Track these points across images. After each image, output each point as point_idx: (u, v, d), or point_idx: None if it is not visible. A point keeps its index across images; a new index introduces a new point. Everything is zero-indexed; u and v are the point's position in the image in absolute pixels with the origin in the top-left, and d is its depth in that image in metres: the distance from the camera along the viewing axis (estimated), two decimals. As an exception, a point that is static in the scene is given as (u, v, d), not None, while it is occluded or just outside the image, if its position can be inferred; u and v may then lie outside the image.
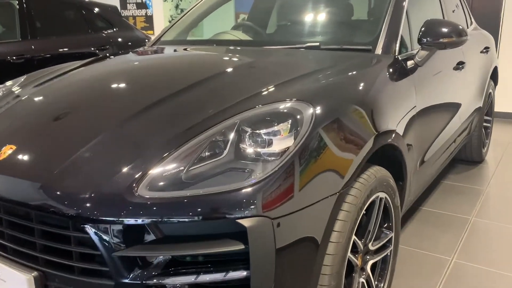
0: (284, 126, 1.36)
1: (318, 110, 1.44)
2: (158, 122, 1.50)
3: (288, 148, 1.33)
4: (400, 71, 2.04)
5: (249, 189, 1.23)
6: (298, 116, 1.40)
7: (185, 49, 2.49)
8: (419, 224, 2.80)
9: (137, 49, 2.68)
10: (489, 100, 3.85)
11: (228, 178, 1.28)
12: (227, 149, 1.34)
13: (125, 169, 1.30)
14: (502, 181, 3.52)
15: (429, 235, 2.65)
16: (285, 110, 1.43)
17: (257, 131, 1.36)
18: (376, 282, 1.85)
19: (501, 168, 3.83)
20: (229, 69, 1.97)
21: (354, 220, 1.50)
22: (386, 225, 1.86)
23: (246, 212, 1.21)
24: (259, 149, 1.33)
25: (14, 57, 4.37)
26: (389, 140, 1.71)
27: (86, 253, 1.27)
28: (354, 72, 1.85)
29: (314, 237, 1.35)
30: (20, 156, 1.44)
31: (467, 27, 3.49)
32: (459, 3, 3.50)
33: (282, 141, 1.34)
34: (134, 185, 1.25)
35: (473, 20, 3.81)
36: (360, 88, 1.75)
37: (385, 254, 1.86)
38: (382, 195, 1.72)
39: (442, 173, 3.66)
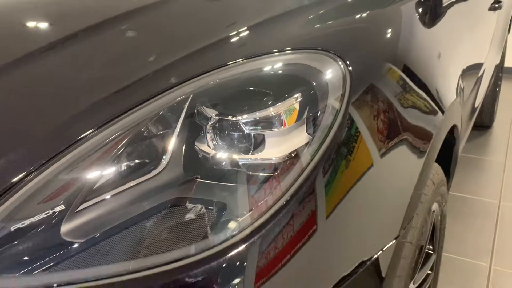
0: (289, 106, 0.64)
1: (352, 68, 0.72)
2: (33, 88, 0.75)
3: (298, 152, 0.61)
4: (442, 7, 1.33)
5: (220, 261, 0.53)
6: (316, 83, 0.67)
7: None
8: (437, 214, 2.18)
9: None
10: (503, 53, 3.22)
11: (171, 229, 0.56)
12: (167, 154, 0.62)
13: None
14: (521, 151, 2.95)
15: (455, 231, 2.04)
16: (288, 71, 0.70)
17: (232, 118, 0.63)
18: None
19: (515, 133, 3.25)
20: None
21: (409, 269, 0.82)
22: (428, 245, 1.21)
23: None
24: (236, 156, 0.62)
25: None
26: (455, 119, 1.01)
27: None
28: (379, 7, 1.11)
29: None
30: None
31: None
32: None
33: (286, 138, 0.63)
34: None
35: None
36: (392, 33, 1.02)
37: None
38: (434, 207, 1.05)
39: (449, 142, 3.05)
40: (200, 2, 1.12)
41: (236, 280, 0.52)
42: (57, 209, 0.56)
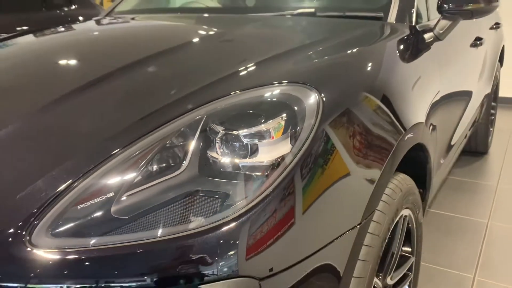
0: (276, 123, 0.87)
1: (325, 97, 0.95)
2: (83, 116, 1.00)
3: (283, 157, 0.84)
4: (420, 45, 1.56)
5: (222, 231, 0.75)
6: (296, 107, 0.91)
7: (140, 19, 1.95)
8: (430, 231, 2.37)
9: (83, 21, 2.13)
10: (495, 84, 3.44)
11: (188, 210, 0.79)
12: (187, 159, 0.85)
13: (15, 197, 0.79)
14: (513, 175, 3.13)
15: (444, 246, 2.21)
16: (276, 99, 0.94)
17: (234, 132, 0.86)
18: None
19: (509, 159, 3.43)
20: (195, 40, 1.44)
21: (377, 257, 1.03)
22: (406, 248, 1.40)
23: (218, 271, 0.73)
24: (237, 160, 0.84)
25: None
26: (420, 138, 1.23)
27: None
28: (363, 46, 1.36)
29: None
30: None
31: None
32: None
33: (274, 147, 0.85)
34: (25, 228, 0.74)
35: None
36: (372, 67, 1.26)
37: (404, 286, 1.41)
38: (406, 212, 1.26)
39: (445, 167, 3.24)
40: (216, 44, 1.38)
41: (234, 240, 0.74)
42: (109, 195, 0.79)
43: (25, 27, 4.18)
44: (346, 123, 0.98)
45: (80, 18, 4.90)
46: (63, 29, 1.88)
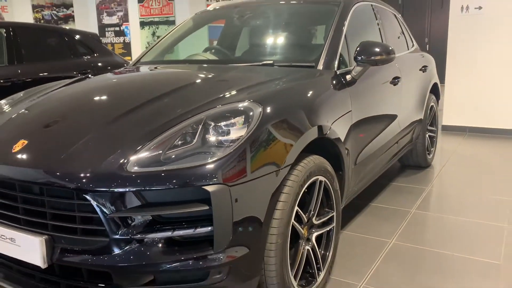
0: (239, 120, 1.80)
1: (266, 109, 1.88)
2: (138, 121, 1.92)
3: (241, 136, 1.75)
4: (338, 82, 2.51)
5: (212, 165, 1.65)
6: (250, 113, 1.83)
7: (160, 68, 2.92)
8: (366, 216, 3.25)
9: (119, 69, 3.10)
10: (431, 112, 4.38)
11: (196, 158, 1.69)
12: (195, 138, 1.76)
13: (116, 153, 1.70)
14: (444, 182, 4.02)
15: (374, 224, 3.09)
16: (240, 108, 1.87)
17: (219, 124, 1.78)
18: (322, 252, 2.26)
19: (445, 171, 4.34)
20: (197, 80, 2.41)
21: (295, 194, 1.92)
22: (328, 205, 2.29)
23: (209, 181, 1.63)
24: (220, 138, 1.76)
25: (2, 81, 4.73)
26: (325, 133, 2.16)
27: (87, 217, 1.65)
28: (299, 82, 2.31)
29: (262, 204, 1.77)
30: (31, 148, 1.83)
31: (408, 49, 4.05)
32: (401, 31, 4.08)
33: (237, 131, 1.77)
34: (124, 162, 1.65)
35: (414, 43, 4.37)
36: (303, 93, 2.21)
37: (328, 229, 2.28)
38: (321, 178, 2.15)
39: (392, 176, 4.15)
40: (210, 82, 2.34)
41: (217, 169, 1.63)
42: (159, 152, 1.70)
43: (59, 74, 5.13)
44: (280, 123, 1.91)
45: (99, 64, 5.95)
46: (111, 74, 2.84)
